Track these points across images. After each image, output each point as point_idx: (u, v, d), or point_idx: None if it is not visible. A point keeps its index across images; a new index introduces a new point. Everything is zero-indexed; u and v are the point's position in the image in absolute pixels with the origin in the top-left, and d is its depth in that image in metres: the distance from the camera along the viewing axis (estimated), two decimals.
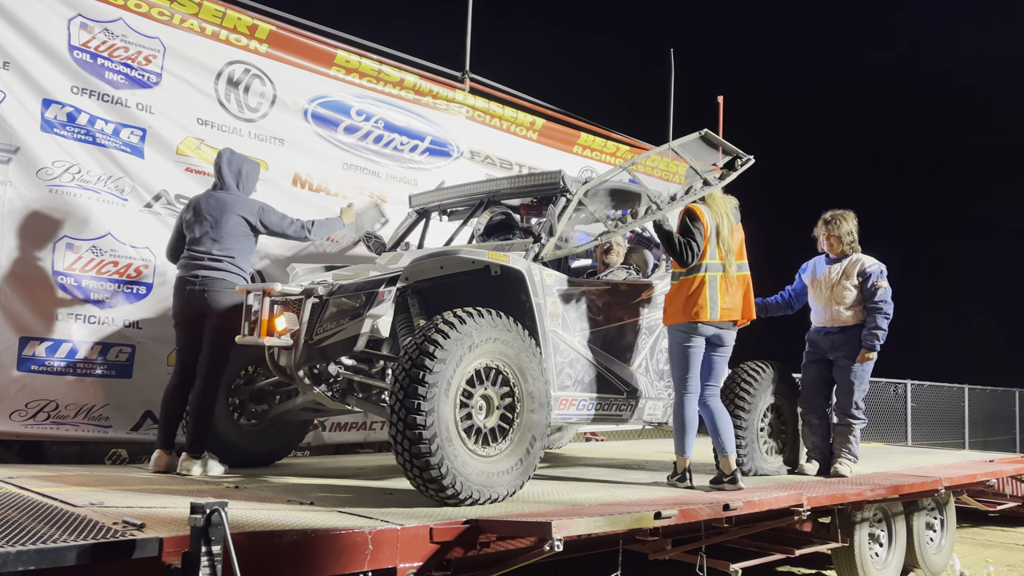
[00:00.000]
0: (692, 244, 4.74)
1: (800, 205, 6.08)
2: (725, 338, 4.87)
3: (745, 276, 4.93)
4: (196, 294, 4.68)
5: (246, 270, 4.85)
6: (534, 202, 5.47)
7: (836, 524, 5.38)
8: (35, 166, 5.04)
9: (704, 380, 4.87)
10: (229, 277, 4.72)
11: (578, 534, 3.19)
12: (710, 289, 4.74)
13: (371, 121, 6.62)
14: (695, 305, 4.72)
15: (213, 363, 4.70)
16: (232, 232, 4.75)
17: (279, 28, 6.13)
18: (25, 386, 4.99)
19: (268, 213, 4.89)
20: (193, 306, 4.70)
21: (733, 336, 4.93)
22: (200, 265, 4.71)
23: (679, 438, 4.82)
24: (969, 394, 16.85)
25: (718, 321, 4.76)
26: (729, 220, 4.88)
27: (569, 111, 8.31)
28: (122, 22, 5.42)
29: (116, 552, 2.42)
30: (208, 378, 4.68)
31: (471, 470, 3.71)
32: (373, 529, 2.92)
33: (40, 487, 3.63)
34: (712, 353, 4.87)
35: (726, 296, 4.78)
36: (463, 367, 3.77)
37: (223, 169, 4.89)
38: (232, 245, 4.75)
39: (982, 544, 8.02)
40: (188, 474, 4.57)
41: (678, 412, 4.83)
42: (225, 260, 4.73)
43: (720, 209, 4.88)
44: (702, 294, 4.73)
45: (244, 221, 4.79)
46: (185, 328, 4.78)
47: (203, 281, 4.67)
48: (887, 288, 5.60)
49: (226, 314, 4.65)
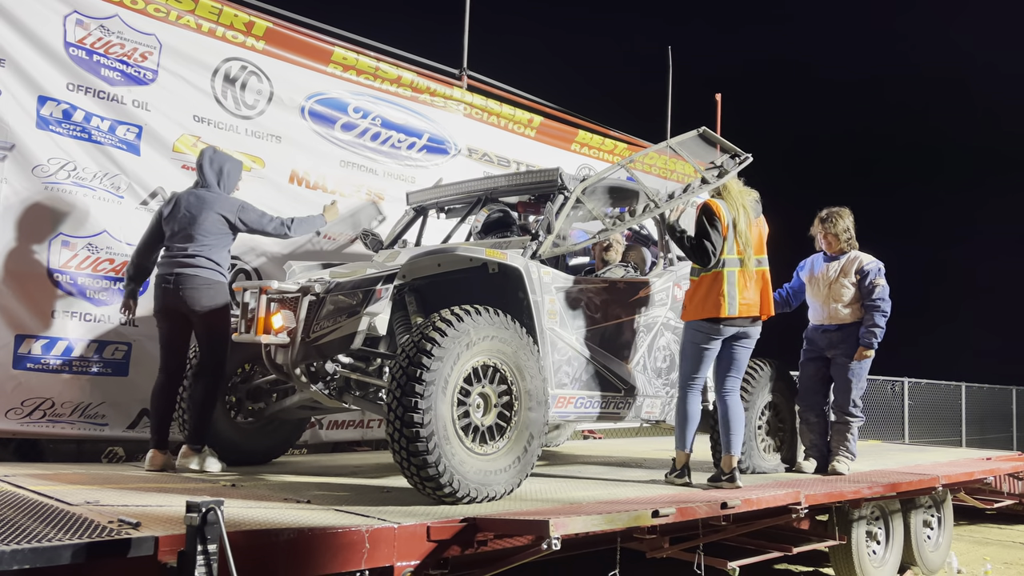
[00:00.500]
0: (705, 245, 4.65)
1: (799, 205, 6.06)
2: (749, 332, 4.78)
3: (763, 271, 4.83)
4: (171, 291, 4.66)
5: (222, 265, 4.78)
6: (532, 199, 5.45)
7: (834, 522, 5.38)
8: (31, 163, 5.02)
9: (725, 373, 4.82)
10: (203, 273, 4.67)
11: (576, 532, 3.18)
12: (728, 285, 4.66)
13: (368, 118, 6.60)
14: (714, 301, 4.65)
15: (212, 360, 4.69)
16: (209, 230, 4.72)
17: (276, 25, 6.11)
18: (21, 384, 4.98)
19: (247, 211, 4.85)
20: (169, 303, 4.68)
21: (758, 330, 4.84)
22: (175, 262, 4.69)
23: (680, 431, 4.78)
24: (966, 392, 16.89)
25: (737, 317, 4.67)
26: (747, 213, 4.78)
27: (567, 108, 8.31)
28: (118, 19, 5.40)
29: (112, 551, 2.40)
30: (209, 373, 4.67)
31: (469, 468, 3.70)
32: (370, 527, 2.91)
33: (36, 485, 3.62)
34: (735, 344, 4.79)
35: (745, 291, 4.69)
36: (460, 365, 3.76)
37: (204, 167, 4.86)
38: (208, 242, 4.71)
39: (979, 542, 8.02)
40: (186, 467, 4.56)
41: (680, 405, 4.80)
42: (199, 257, 4.68)
43: (737, 202, 4.78)
44: (721, 290, 4.65)
45: (223, 219, 4.76)
46: (164, 325, 4.77)
47: (177, 278, 4.65)
48: (885, 286, 5.60)
49: (208, 311, 4.63)
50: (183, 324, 4.71)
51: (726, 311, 4.64)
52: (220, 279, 4.73)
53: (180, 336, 4.76)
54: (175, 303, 4.66)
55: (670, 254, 5.60)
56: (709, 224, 4.70)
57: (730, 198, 4.81)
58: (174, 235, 4.74)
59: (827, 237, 5.77)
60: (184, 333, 4.75)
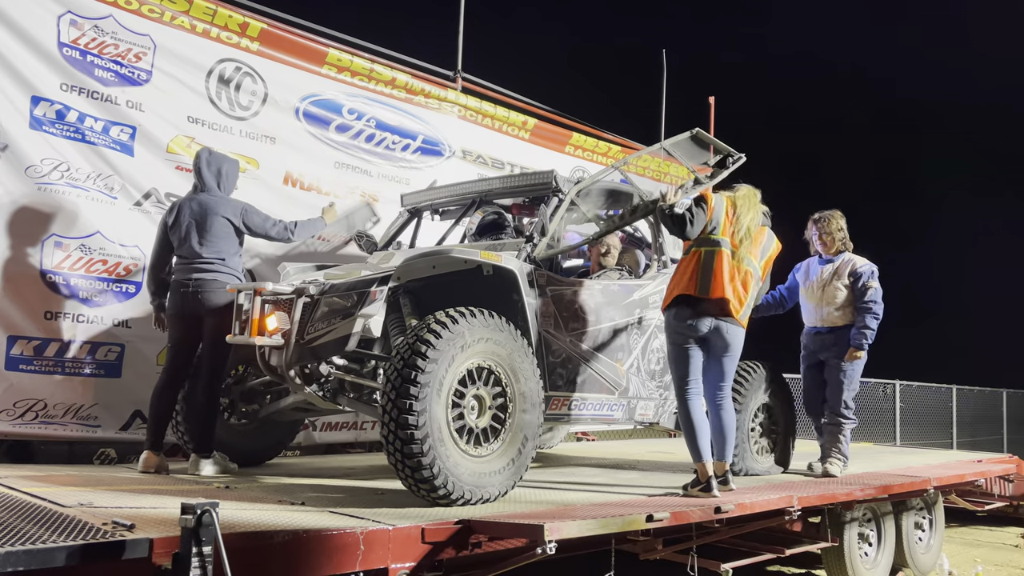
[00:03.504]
0: (684, 214, 4.37)
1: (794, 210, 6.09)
2: (725, 331, 4.43)
3: (748, 271, 4.51)
4: (190, 296, 4.68)
5: (237, 269, 4.84)
6: (526, 202, 5.46)
7: (826, 524, 5.42)
8: (24, 164, 5.00)
9: (713, 382, 4.54)
10: (221, 278, 4.72)
11: (570, 537, 3.19)
12: (703, 264, 4.41)
13: (363, 120, 6.60)
14: (689, 277, 4.41)
15: (214, 361, 4.69)
16: (218, 233, 4.74)
17: (271, 26, 6.11)
18: (13, 385, 4.96)
19: (251, 214, 4.86)
20: (187, 307, 4.70)
21: (737, 334, 4.49)
22: (193, 268, 4.71)
23: (691, 443, 4.39)
24: (957, 394, 16.96)
25: (708, 299, 4.36)
26: (753, 212, 4.55)
27: (561, 111, 8.32)
28: (112, 19, 5.39)
29: (106, 553, 2.40)
30: (211, 377, 4.67)
31: (463, 470, 3.70)
32: (365, 529, 2.91)
33: (29, 487, 3.60)
34: (716, 351, 4.50)
35: (722, 275, 4.38)
36: (455, 367, 3.76)
37: (203, 171, 4.85)
38: (221, 247, 4.74)
39: (970, 543, 8.07)
40: (197, 474, 4.55)
41: (683, 415, 4.46)
42: (216, 262, 4.72)
43: (746, 201, 4.57)
44: (697, 268, 4.41)
45: (228, 222, 4.77)
46: (178, 329, 4.77)
47: (196, 283, 4.67)
48: (878, 289, 5.63)
49: (221, 314, 4.64)
50: (197, 328, 4.73)
51: (697, 289, 4.37)
52: (234, 283, 4.74)
53: (192, 340, 4.77)
54: (194, 307, 4.68)
55: (664, 256, 5.61)
56: (695, 204, 4.50)
57: (739, 198, 4.61)
58: (182, 243, 4.75)
59: (823, 237, 5.82)
60: (196, 337, 4.76)
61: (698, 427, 4.41)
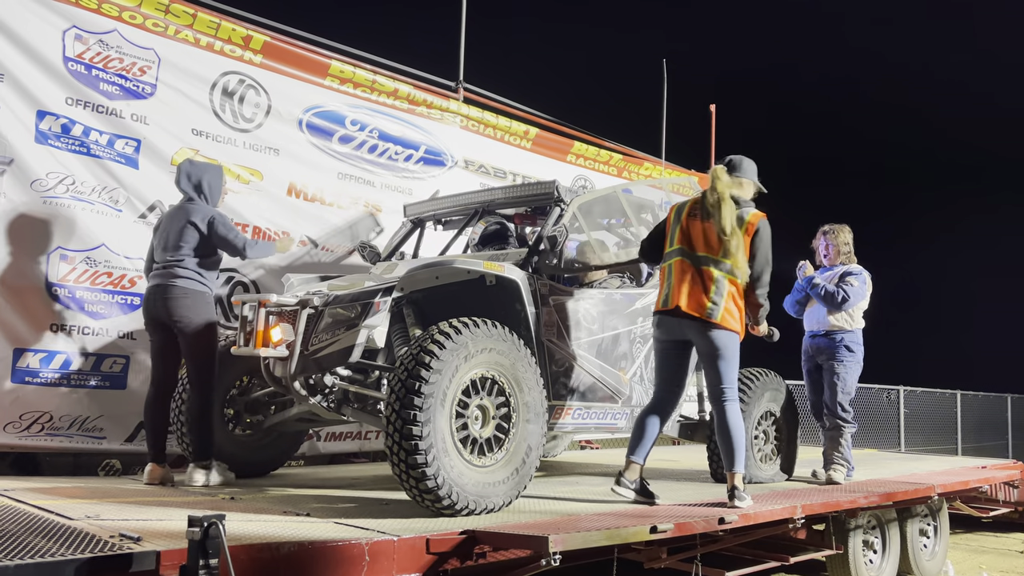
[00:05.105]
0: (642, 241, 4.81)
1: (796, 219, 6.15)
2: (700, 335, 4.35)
3: (709, 271, 4.35)
4: (152, 301, 4.70)
5: (205, 275, 4.76)
6: (529, 211, 5.49)
7: (830, 531, 5.41)
8: (29, 177, 5.03)
9: (711, 384, 4.49)
10: (181, 283, 4.67)
11: (574, 548, 3.20)
12: (666, 277, 4.51)
13: (365, 131, 6.63)
14: (658, 296, 4.54)
15: (196, 373, 4.67)
16: (186, 239, 4.71)
17: (274, 39, 6.15)
18: (19, 398, 4.98)
19: (216, 223, 4.75)
20: (153, 313, 4.71)
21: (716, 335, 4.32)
22: (158, 274, 4.73)
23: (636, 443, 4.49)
24: (961, 400, 16.91)
25: (671, 310, 4.36)
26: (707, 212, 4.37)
27: (563, 120, 8.36)
28: (117, 33, 5.43)
29: (114, 566, 2.42)
30: (197, 388, 4.66)
31: (467, 480, 3.72)
32: (370, 540, 2.93)
33: (35, 499, 3.62)
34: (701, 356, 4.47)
35: (678, 284, 4.38)
36: (459, 378, 3.78)
37: (181, 182, 4.85)
38: (186, 252, 4.70)
39: (975, 550, 8.04)
40: (191, 484, 4.56)
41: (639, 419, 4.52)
42: (179, 267, 4.68)
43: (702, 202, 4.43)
44: (662, 282, 4.54)
45: (195, 227, 4.73)
46: (154, 336, 4.79)
47: (158, 289, 4.68)
48: (860, 287, 5.74)
49: (191, 323, 4.63)
50: (170, 336, 4.71)
51: (660, 303, 4.48)
52: (200, 288, 4.70)
53: (169, 348, 4.74)
54: (158, 313, 4.69)
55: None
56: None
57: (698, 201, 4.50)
58: (160, 248, 4.78)
59: (828, 248, 5.94)
60: (173, 345, 4.73)
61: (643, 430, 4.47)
